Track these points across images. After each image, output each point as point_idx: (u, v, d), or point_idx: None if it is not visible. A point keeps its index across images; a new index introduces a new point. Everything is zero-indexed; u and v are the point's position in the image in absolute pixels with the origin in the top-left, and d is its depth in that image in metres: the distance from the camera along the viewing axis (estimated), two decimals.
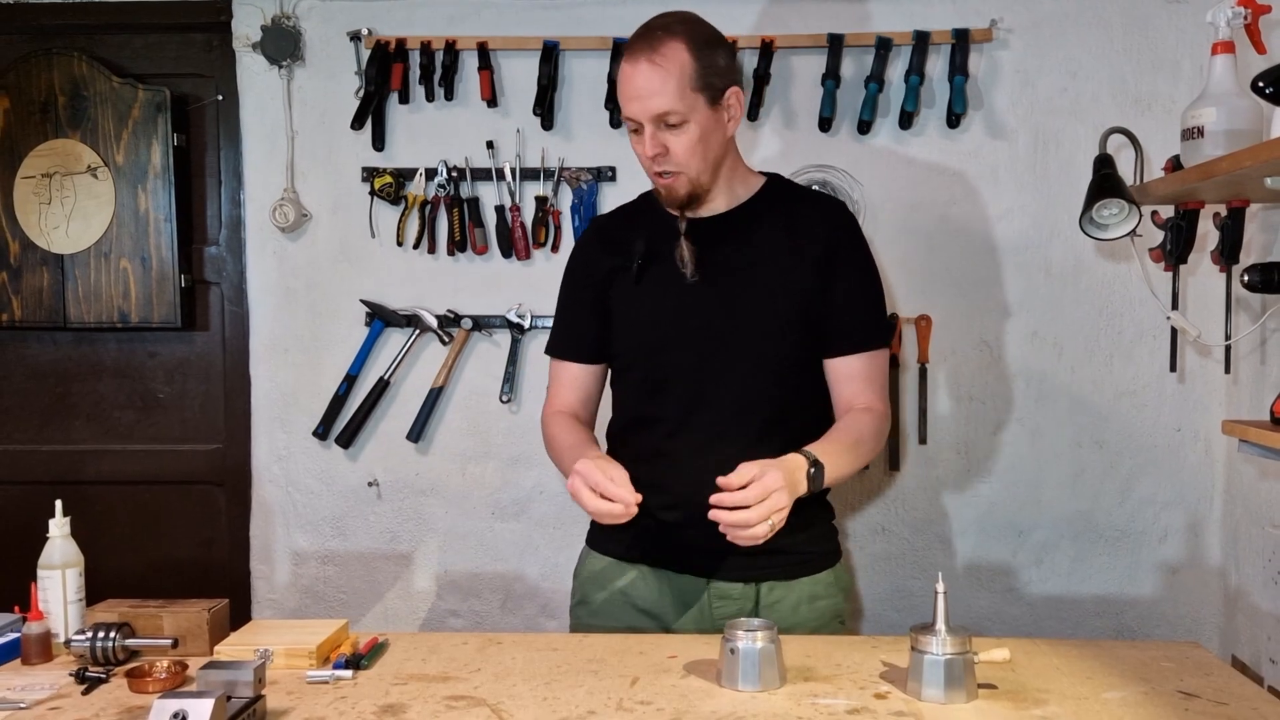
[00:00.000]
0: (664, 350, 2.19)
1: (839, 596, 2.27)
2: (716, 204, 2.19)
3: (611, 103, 3.11)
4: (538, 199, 3.15)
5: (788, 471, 1.90)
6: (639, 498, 1.92)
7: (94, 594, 2.07)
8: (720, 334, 2.15)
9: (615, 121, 3.13)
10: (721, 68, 2.07)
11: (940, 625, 1.73)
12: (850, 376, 2.18)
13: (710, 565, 2.16)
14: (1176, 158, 2.46)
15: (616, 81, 2.10)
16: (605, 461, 2.00)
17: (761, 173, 2.30)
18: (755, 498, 1.83)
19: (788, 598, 2.18)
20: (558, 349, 2.35)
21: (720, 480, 1.86)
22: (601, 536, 2.29)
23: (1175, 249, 2.62)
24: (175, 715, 1.49)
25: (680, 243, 2.15)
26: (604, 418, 2.38)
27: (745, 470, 1.86)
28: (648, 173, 2.14)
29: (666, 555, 2.19)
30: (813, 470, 1.96)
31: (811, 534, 2.21)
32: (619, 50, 3.06)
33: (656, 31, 2.04)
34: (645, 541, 2.19)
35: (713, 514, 1.85)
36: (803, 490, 1.94)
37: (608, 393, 2.38)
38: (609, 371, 2.34)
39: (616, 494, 1.92)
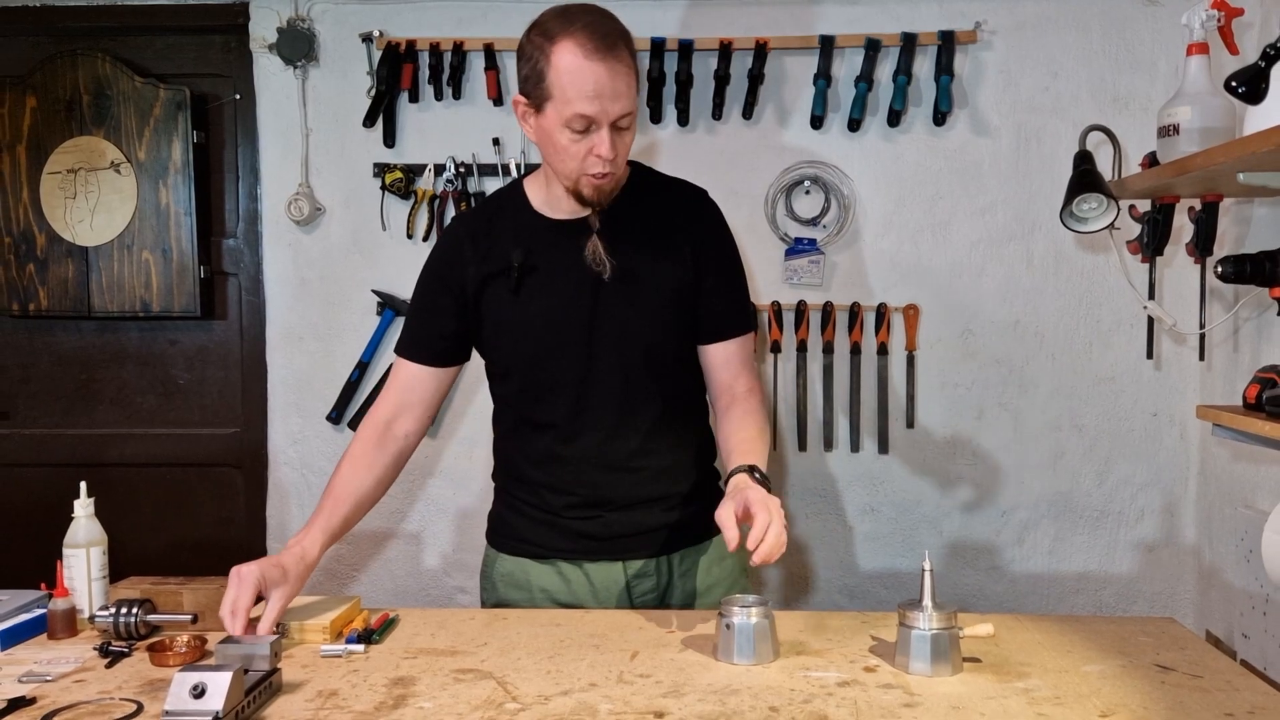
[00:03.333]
0: (546, 358, 2.08)
1: (741, 552, 2.24)
2: None
3: None
4: None
5: (755, 489, 1.86)
6: (240, 629, 1.79)
7: (117, 572, 2.06)
8: (601, 334, 2.06)
9: None
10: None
11: (927, 602, 1.72)
12: (725, 360, 2.13)
13: (622, 548, 2.12)
14: (1153, 154, 2.45)
15: (558, 75, 1.86)
16: (266, 573, 1.85)
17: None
18: (765, 522, 1.78)
19: (699, 562, 2.16)
20: (410, 349, 2.16)
21: (733, 538, 1.81)
22: (507, 537, 2.21)
23: (1152, 241, 2.62)
24: (195, 687, 1.48)
25: (593, 241, 2.03)
26: (484, 408, 2.25)
27: (729, 518, 1.81)
28: (574, 174, 1.94)
29: (578, 547, 2.13)
30: (759, 479, 1.93)
31: (705, 502, 2.11)
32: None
33: (608, 34, 1.87)
34: (555, 538, 2.14)
35: (755, 560, 1.78)
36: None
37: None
38: (458, 374, 2.22)
39: (226, 620, 1.79)
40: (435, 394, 2.19)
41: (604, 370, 2.07)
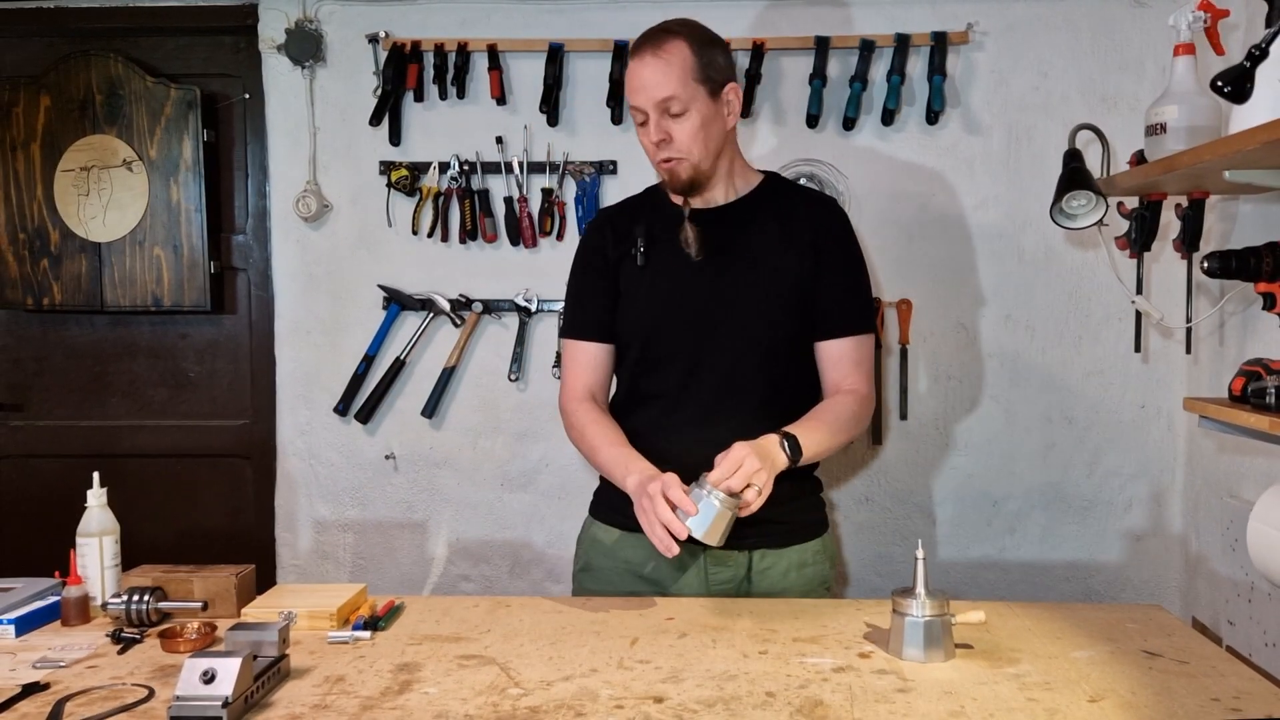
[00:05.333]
0: (661, 330, 2.17)
1: (825, 564, 2.26)
2: (716, 196, 2.19)
3: (613, 100, 3.09)
4: (544, 191, 3.14)
5: (757, 447, 1.91)
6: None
7: (129, 560, 2.07)
8: (713, 316, 2.14)
9: (617, 118, 3.11)
10: (720, 65, 2.10)
11: (920, 589, 1.72)
12: (838, 359, 2.18)
13: None
14: (1141, 152, 2.44)
15: (625, 80, 2.13)
16: (670, 484, 1.91)
17: (760, 170, 2.29)
18: (729, 472, 1.85)
19: (778, 564, 2.18)
20: (577, 330, 2.27)
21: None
22: (605, 508, 2.27)
23: (1140, 238, 2.61)
24: (205, 673, 1.48)
25: (684, 226, 2.15)
26: None
27: (719, 457, 1.89)
28: (653, 161, 2.14)
29: None
30: (785, 442, 1.95)
31: (800, 505, 2.21)
32: (620, 52, 3.05)
33: (659, 32, 2.09)
34: None
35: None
36: (782, 462, 1.94)
37: None
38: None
39: (674, 531, 1.86)
40: (610, 368, 2.29)
41: (712, 349, 2.15)
